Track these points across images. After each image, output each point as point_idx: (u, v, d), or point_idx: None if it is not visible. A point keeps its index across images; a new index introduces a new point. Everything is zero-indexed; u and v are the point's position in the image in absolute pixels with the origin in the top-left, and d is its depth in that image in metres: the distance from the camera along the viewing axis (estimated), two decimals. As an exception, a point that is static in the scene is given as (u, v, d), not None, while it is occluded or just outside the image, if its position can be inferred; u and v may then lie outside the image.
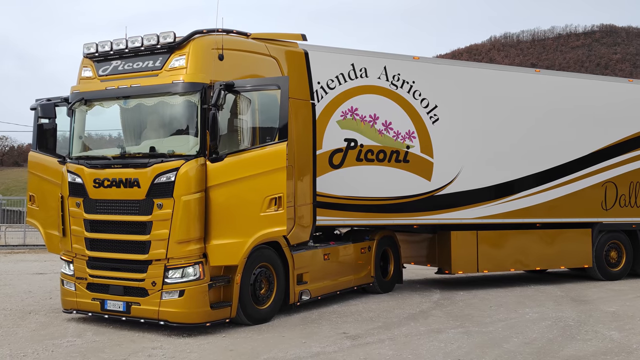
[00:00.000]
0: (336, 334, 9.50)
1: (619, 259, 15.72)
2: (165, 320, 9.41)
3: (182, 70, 9.62)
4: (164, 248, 9.40)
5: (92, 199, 9.97)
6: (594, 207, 15.26)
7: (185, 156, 9.46)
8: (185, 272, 9.40)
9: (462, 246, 13.96)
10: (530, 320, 10.41)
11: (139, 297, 9.59)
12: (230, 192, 9.46)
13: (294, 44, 11.58)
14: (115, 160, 9.93)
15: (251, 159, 9.41)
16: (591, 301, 12.38)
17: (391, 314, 11.06)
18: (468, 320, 10.54)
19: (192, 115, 9.59)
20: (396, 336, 9.31)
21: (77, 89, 10.43)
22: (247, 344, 8.94)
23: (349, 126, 12.84)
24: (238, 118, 9.79)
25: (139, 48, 9.90)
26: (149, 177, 9.50)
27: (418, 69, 13.54)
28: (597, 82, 15.74)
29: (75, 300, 10.23)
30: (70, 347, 8.66)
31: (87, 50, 10.34)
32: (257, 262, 10.27)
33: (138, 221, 9.58)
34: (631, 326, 9.86)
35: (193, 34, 9.79)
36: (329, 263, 12.00)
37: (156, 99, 9.77)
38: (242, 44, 10.55)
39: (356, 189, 12.83)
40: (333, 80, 12.67)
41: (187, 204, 9.34)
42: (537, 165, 14.54)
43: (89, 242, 10.03)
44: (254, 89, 9.61)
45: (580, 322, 10.26)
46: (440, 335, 9.31)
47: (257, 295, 10.28)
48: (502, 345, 8.70)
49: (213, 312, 9.57)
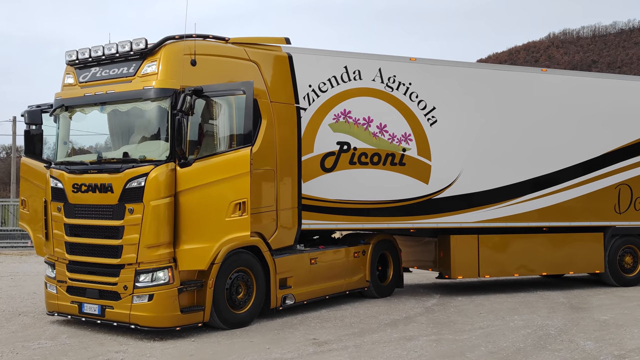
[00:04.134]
0: (306, 339, 9.43)
1: (634, 264, 15.11)
2: (135, 324, 9.51)
3: (153, 77, 9.72)
4: (135, 252, 9.51)
5: (72, 204, 10.16)
6: (607, 210, 14.71)
7: (156, 161, 9.55)
8: (155, 277, 9.49)
9: (462, 250, 13.66)
10: (512, 328, 10.11)
11: (112, 301, 9.72)
12: (198, 197, 9.50)
13: (277, 47, 11.56)
14: (92, 166, 10.10)
15: (217, 164, 9.43)
16: (588, 309, 11.95)
17: (374, 320, 10.91)
18: (448, 327, 10.30)
19: (163, 120, 9.67)
20: (364, 343, 9.17)
21: (59, 95, 10.65)
22: (210, 349, 8.95)
23: (342, 129, 12.72)
24: (208, 123, 9.84)
25: (114, 55, 10.04)
26: (121, 182, 9.63)
27: (415, 71, 13.31)
28: (608, 80, 15.14)
29: (56, 302, 10.45)
30: (37, 350, 8.84)
31: (69, 58, 10.54)
32: (233, 266, 10.27)
33: (111, 226, 9.72)
34: (613, 336, 9.47)
35: (165, 40, 9.87)
36: (316, 267, 11.91)
37: (130, 105, 9.89)
38: (217, 48, 10.58)
39: (349, 192, 12.71)
40: (325, 83, 12.56)
41: (156, 208, 9.42)
42: (542, 168, 14.10)
43: (69, 246, 10.22)
44: (219, 94, 9.62)
45: (562, 330, 9.90)
46: (408, 343, 9.13)
47: (234, 299, 10.28)
48: (466, 355, 8.48)
49: (183, 317, 9.62)
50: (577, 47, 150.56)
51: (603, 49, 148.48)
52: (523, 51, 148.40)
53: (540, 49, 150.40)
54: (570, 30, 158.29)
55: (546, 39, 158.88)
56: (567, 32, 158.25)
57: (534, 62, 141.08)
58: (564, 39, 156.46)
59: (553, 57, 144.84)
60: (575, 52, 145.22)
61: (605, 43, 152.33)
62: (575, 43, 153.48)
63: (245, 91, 9.37)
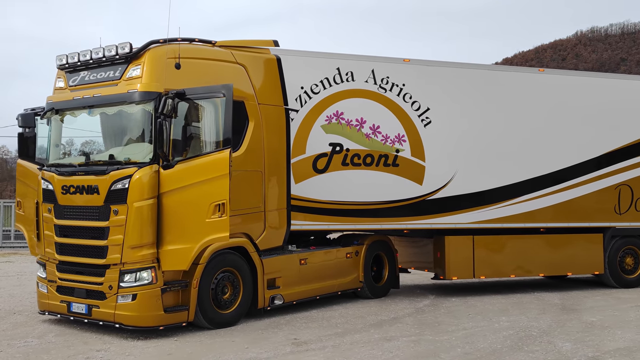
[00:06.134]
0: (287, 339, 9.52)
1: (635, 265, 14.94)
2: (120, 323, 9.68)
3: (138, 80, 9.88)
4: (120, 253, 9.69)
5: (61, 205, 10.37)
6: (606, 211, 14.57)
7: (140, 163, 9.71)
8: (139, 277, 9.65)
9: (457, 251, 13.64)
10: (495, 330, 10.09)
11: (98, 300, 9.91)
12: (180, 199, 9.64)
13: (265, 50, 11.66)
14: (80, 168, 10.30)
15: (197, 166, 9.57)
16: (579, 310, 11.86)
17: (360, 320, 10.96)
18: (432, 328, 10.32)
19: (147, 123, 9.83)
20: (343, 344, 9.24)
21: (50, 99, 10.88)
22: (190, 348, 9.09)
23: (334, 130, 12.79)
24: (192, 125, 9.98)
25: (101, 59, 10.23)
26: (106, 184, 9.81)
27: (408, 71, 13.32)
28: (607, 80, 14.96)
29: (47, 302, 10.68)
30: (22, 348, 9.05)
31: (59, 62, 10.76)
32: (219, 266, 10.40)
33: (97, 227, 9.91)
34: (593, 338, 9.41)
35: (149, 43, 10.03)
36: (306, 268, 11.98)
37: (116, 108, 10.07)
38: (203, 52, 10.73)
39: (342, 193, 12.77)
40: (317, 85, 12.64)
41: (139, 209, 9.58)
42: (539, 168, 14.00)
43: (58, 247, 10.44)
44: (199, 97, 9.75)
45: (545, 332, 9.86)
46: (386, 344, 9.17)
47: (220, 299, 10.41)
48: (440, 355, 8.50)
49: (167, 316, 9.76)
50: (605, 44, 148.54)
51: (632, 46, 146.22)
52: (550, 49, 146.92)
53: (568, 47, 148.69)
54: (599, 28, 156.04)
55: (573, 37, 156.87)
56: (595, 30, 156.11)
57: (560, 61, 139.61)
58: (591, 36, 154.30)
59: (580, 55, 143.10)
60: (603, 49, 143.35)
61: (634, 40, 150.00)
62: (604, 41, 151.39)
63: (225, 94, 9.49)
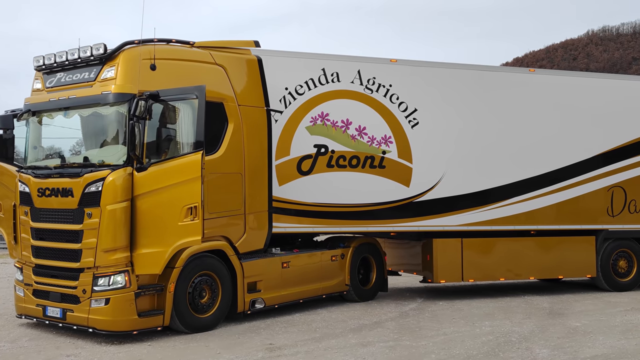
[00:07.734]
0: (262, 345, 9.37)
1: (629, 268, 14.68)
2: (93, 327, 9.57)
3: (112, 81, 9.76)
4: (93, 256, 9.57)
5: (37, 208, 10.27)
6: (599, 213, 14.33)
7: (113, 166, 9.59)
8: (112, 281, 9.52)
9: (445, 254, 13.43)
10: (475, 335, 9.90)
11: (72, 304, 9.79)
12: (154, 202, 9.50)
13: (245, 50, 11.52)
14: (55, 170, 10.21)
15: (170, 169, 9.43)
16: (566, 314, 11.64)
17: (341, 325, 10.80)
18: (412, 333, 10.14)
19: (121, 125, 9.71)
20: (317, 349, 9.08)
21: (28, 100, 10.79)
22: (161, 353, 8.96)
23: (319, 132, 12.63)
24: (166, 127, 9.85)
25: (76, 60, 10.12)
26: (80, 186, 9.70)
27: (395, 72, 13.12)
28: (600, 80, 14.70)
29: (24, 305, 10.58)
30: (-8, 353, 8.97)
31: (37, 64, 10.66)
32: (196, 270, 10.26)
33: (71, 230, 9.79)
34: (573, 344, 9.19)
35: (124, 45, 9.90)
36: (288, 271, 11.82)
37: (90, 110, 9.97)
38: (180, 52, 10.60)
39: (327, 195, 12.60)
40: (302, 86, 12.48)
41: (112, 212, 9.46)
42: (530, 170, 13.76)
43: (35, 250, 10.34)
44: (172, 98, 9.62)
45: (525, 338, 9.66)
46: (361, 350, 9.00)
47: (197, 303, 10.26)
48: (413, 362, 8.34)
49: (141, 320, 9.63)
50: (616, 44, 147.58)
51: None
52: (561, 49, 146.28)
53: (579, 47, 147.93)
54: (610, 27, 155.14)
55: (585, 36, 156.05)
56: (607, 29, 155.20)
57: (572, 60, 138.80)
58: (603, 36, 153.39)
59: (592, 54, 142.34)
60: (614, 49, 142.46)
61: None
62: (615, 40, 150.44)
63: (198, 95, 9.36)
